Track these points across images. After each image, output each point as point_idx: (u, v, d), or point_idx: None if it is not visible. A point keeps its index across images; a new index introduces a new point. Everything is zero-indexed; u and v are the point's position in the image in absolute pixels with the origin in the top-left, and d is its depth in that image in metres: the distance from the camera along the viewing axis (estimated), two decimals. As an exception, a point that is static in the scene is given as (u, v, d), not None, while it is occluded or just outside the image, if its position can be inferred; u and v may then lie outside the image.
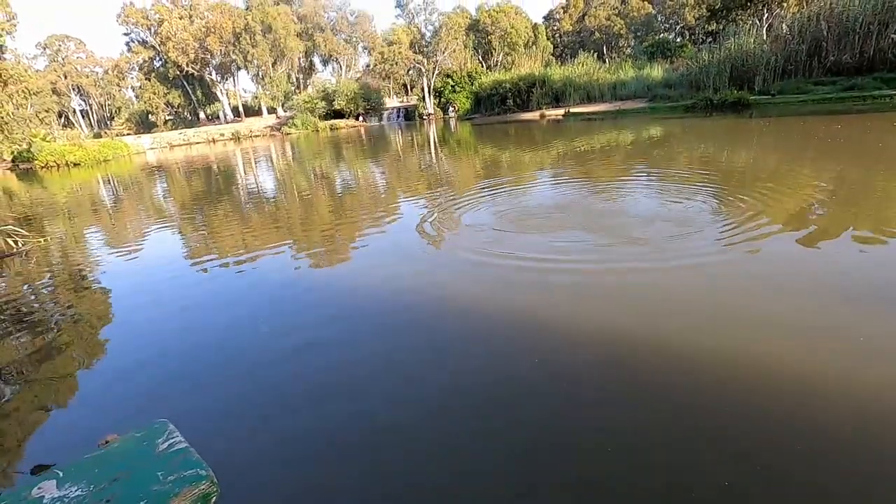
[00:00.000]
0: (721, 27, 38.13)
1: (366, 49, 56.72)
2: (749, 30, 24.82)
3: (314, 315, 4.50)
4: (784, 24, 24.79)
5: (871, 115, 14.85)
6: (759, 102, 20.51)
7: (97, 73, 60.71)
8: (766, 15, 34.12)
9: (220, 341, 4.18)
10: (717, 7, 39.47)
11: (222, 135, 43.28)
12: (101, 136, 45.26)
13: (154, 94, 53.93)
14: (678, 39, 46.09)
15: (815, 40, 21.99)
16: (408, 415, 2.92)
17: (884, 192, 6.71)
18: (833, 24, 21.49)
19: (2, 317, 5.20)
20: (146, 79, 54.51)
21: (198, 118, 57.60)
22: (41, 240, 8.65)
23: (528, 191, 8.94)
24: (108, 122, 62.28)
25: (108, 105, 63.06)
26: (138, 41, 53.49)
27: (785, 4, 32.56)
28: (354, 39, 56.74)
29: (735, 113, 19.42)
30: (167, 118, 56.19)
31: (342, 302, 4.74)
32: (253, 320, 4.52)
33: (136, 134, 48.50)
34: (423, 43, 43.61)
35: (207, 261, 6.61)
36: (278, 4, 48.99)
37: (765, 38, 25.67)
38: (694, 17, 47.18)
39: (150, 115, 55.88)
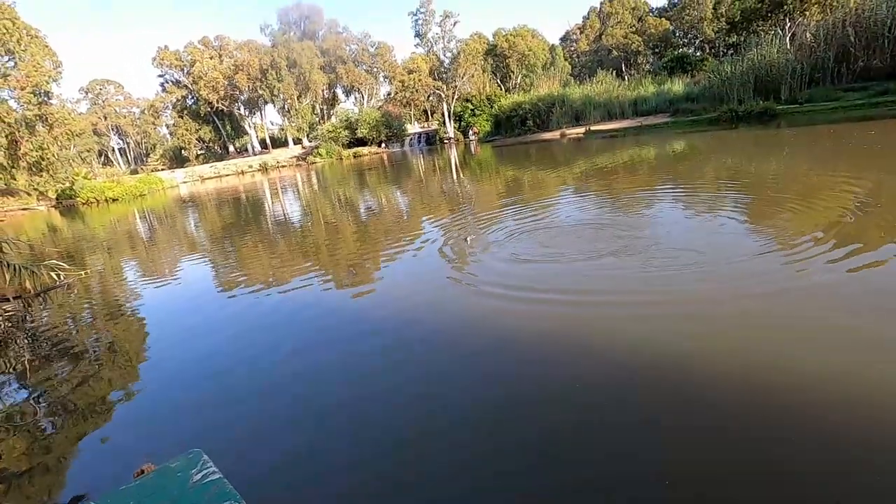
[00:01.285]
0: (742, 39, 37.81)
1: (386, 78, 58.22)
2: (771, 40, 24.45)
3: (339, 347, 4.52)
4: (808, 33, 24.36)
5: (907, 119, 14.30)
6: (787, 111, 20.03)
7: (134, 113, 64.08)
8: (788, 24, 33.65)
9: (248, 365, 4.24)
10: (736, 19, 39.22)
11: (251, 166, 44.72)
12: (137, 172, 47.35)
13: (187, 130, 56.40)
14: (698, 53, 45.72)
15: (841, 46, 21.49)
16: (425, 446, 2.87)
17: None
18: (860, 30, 20.99)
19: (46, 347, 5.38)
20: (179, 116, 57.13)
21: (227, 151, 59.83)
22: (82, 273, 9.00)
23: (553, 212, 8.70)
24: (144, 159, 65.28)
25: (144, 142, 66.23)
26: (172, 81, 56.32)
27: (808, 13, 32.07)
28: (375, 69, 58.38)
29: (761, 123, 18.99)
30: (199, 153, 58.51)
31: (365, 335, 4.73)
32: (281, 345, 4.57)
33: (169, 169, 50.60)
34: (443, 69, 44.50)
35: (237, 289, 6.74)
36: (302, 40, 51.02)
37: (788, 47, 25.24)
38: (713, 30, 46.87)
39: (182, 151, 58.34)
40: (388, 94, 55.87)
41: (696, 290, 4.34)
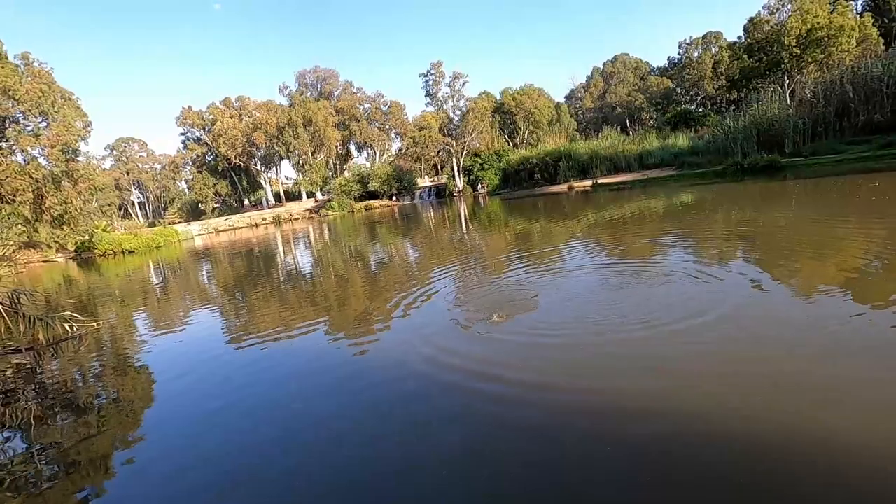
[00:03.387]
0: (743, 95, 39.02)
1: (398, 134, 60.50)
2: (771, 96, 25.21)
3: (345, 400, 4.45)
4: (807, 89, 25.10)
5: (914, 171, 14.39)
6: (792, 164, 20.29)
7: (155, 168, 66.74)
8: (786, 81, 34.78)
9: (252, 419, 4.17)
10: (736, 77, 40.66)
11: (264, 219, 45.77)
12: (154, 225, 48.61)
13: (205, 184, 58.41)
14: (700, 109, 47.10)
15: (841, 102, 22.07)
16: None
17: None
18: (858, 86, 21.61)
19: (53, 400, 5.34)
20: (198, 171, 59.38)
21: (242, 204, 61.54)
22: (94, 324, 9.06)
23: (565, 271, 8.43)
24: (162, 212, 67.30)
25: (164, 196, 68.50)
26: (193, 139, 59.00)
27: (805, 71, 33.20)
28: (387, 127, 60.81)
29: (767, 176, 19.21)
30: (215, 206, 60.25)
31: (372, 395, 4.67)
32: (287, 399, 4.51)
33: (186, 221, 51.91)
34: (452, 126, 46.13)
35: (246, 342, 6.72)
36: (318, 100, 53.63)
37: (789, 102, 25.95)
38: (714, 87, 48.51)
39: (200, 204, 60.15)
40: (400, 149, 57.83)
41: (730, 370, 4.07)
